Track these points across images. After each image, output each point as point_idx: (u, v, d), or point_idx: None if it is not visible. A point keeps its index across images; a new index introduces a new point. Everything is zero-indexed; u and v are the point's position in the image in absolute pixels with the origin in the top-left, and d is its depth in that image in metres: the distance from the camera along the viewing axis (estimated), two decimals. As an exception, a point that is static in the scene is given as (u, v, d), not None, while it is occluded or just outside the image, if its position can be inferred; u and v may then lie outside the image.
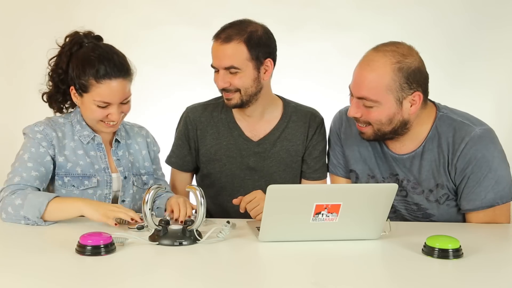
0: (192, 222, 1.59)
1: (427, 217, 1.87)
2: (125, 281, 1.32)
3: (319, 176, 2.07)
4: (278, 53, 1.98)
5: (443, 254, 1.44)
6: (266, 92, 1.98)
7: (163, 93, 3.45)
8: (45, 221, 1.68)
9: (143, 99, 3.45)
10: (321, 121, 2.08)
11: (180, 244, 1.53)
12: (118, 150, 1.94)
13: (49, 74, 1.87)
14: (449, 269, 1.40)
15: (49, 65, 1.87)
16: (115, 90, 1.78)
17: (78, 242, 1.45)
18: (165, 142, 2.17)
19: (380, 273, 1.44)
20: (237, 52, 1.85)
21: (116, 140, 1.94)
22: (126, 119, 1.94)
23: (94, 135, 1.88)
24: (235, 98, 1.91)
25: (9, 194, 1.71)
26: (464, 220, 1.87)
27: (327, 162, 2.07)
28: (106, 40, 2.01)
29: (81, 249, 1.43)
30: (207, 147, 2.04)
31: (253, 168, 2.02)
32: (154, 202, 2.02)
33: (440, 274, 1.38)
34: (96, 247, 1.43)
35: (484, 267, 1.41)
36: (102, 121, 1.82)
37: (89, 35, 1.87)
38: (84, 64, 1.78)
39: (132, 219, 1.63)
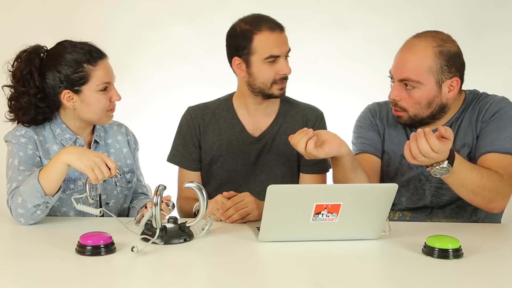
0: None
1: None
2: (125, 281, 1.33)
3: (318, 170, 2.04)
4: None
5: (443, 254, 1.44)
6: None
7: (163, 93, 3.45)
8: (52, 195, 1.67)
9: (143, 99, 3.47)
10: (320, 115, 2.09)
11: (179, 242, 1.53)
12: (97, 151, 1.87)
13: (23, 102, 1.78)
14: (449, 269, 1.40)
15: (15, 91, 1.80)
16: (109, 68, 1.84)
17: (78, 242, 1.45)
18: (165, 142, 2.17)
19: (380, 273, 1.44)
20: None
21: (95, 141, 1.91)
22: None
23: (76, 138, 1.86)
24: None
25: (11, 200, 1.69)
26: None
27: (354, 146, 2.03)
28: (107, 40, 2.01)
29: (81, 249, 1.43)
30: (209, 143, 2.05)
31: (254, 163, 2.04)
32: (132, 201, 2.02)
33: (440, 274, 1.38)
34: (96, 247, 1.43)
35: (484, 267, 1.41)
36: (107, 110, 1.83)
37: (38, 46, 1.84)
38: (74, 58, 1.78)
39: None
